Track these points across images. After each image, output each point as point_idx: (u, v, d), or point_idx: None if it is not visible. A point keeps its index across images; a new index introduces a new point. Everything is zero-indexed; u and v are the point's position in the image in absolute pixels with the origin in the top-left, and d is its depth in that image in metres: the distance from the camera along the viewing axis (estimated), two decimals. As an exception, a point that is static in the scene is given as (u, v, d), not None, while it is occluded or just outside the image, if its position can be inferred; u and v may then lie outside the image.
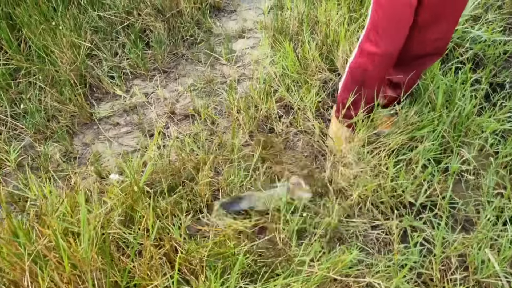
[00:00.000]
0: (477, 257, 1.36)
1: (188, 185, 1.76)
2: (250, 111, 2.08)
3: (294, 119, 2.06)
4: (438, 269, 1.39)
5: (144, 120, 2.22)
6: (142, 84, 2.41)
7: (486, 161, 1.68)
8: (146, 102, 2.30)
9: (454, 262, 1.41)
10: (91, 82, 2.36)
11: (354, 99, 1.65)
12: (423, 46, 1.54)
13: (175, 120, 2.19)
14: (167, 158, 1.87)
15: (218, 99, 2.27)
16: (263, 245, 1.47)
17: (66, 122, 2.17)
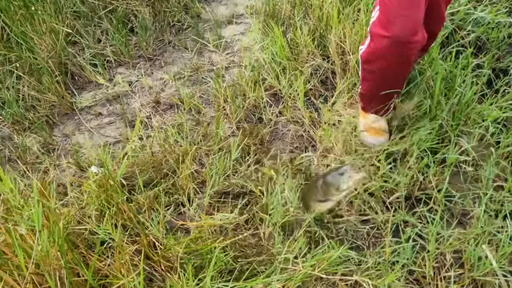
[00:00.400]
0: (474, 253, 1.27)
1: (170, 177, 1.67)
2: (237, 100, 1.98)
3: (284, 108, 1.96)
4: (431, 266, 1.30)
5: (127, 110, 2.12)
6: (126, 73, 2.31)
7: (486, 151, 1.57)
8: (130, 91, 2.20)
9: (449, 258, 1.32)
10: (72, 70, 2.25)
11: (373, 91, 1.56)
12: None
13: (160, 110, 2.09)
14: (150, 149, 1.78)
15: (205, 88, 2.16)
16: (245, 242, 1.38)
17: (46, 112, 2.07)
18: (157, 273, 1.36)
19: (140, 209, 1.53)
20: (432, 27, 1.50)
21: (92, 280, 1.06)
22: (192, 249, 1.25)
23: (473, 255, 1.27)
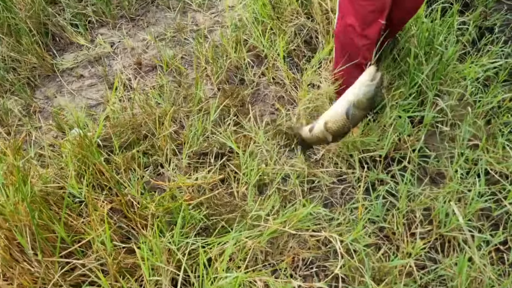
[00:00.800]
0: (442, 210, 1.29)
1: (149, 139, 1.68)
2: (219, 61, 1.95)
3: (266, 69, 1.93)
4: (401, 223, 1.32)
5: (109, 72, 2.09)
6: (108, 33, 2.26)
7: (464, 111, 1.56)
8: (112, 53, 2.16)
9: (419, 215, 1.35)
10: (53, 31, 2.20)
11: (346, 72, 1.51)
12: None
13: (141, 72, 2.06)
14: (130, 111, 1.77)
15: (187, 49, 2.12)
16: (220, 201, 1.40)
17: (26, 74, 2.05)
18: (134, 231, 1.39)
19: (118, 169, 1.55)
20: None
21: (66, 235, 1.09)
22: (164, 207, 1.27)
23: (441, 212, 1.29)
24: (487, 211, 1.37)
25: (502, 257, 1.26)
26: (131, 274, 1.17)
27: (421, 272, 1.24)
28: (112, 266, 1.08)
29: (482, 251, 1.21)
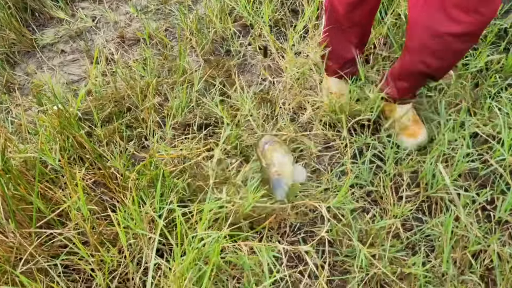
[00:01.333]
0: (429, 171, 1.27)
1: (132, 111, 1.64)
2: (204, 32, 1.89)
3: (253, 39, 1.88)
4: (388, 186, 1.31)
5: (92, 46, 2.03)
6: (90, 7, 2.19)
7: (453, 73, 1.53)
8: (94, 27, 2.10)
9: (406, 179, 1.33)
10: (32, 6, 2.13)
11: (332, 48, 1.45)
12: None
13: (125, 45, 2.00)
14: (113, 84, 1.73)
15: (172, 21, 2.06)
16: (202, 170, 1.38)
17: (5, 51, 1.99)
18: (118, 203, 1.37)
19: (100, 142, 1.51)
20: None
21: (44, 206, 1.06)
22: (146, 175, 1.25)
23: (428, 173, 1.28)
24: (474, 171, 1.35)
25: (488, 215, 1.25)
26: (113, 244, 1.15)
27: (408, 233, 1.23)
28: (91, 235, 1.06)
29: (468, 210, 1.19)
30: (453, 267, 1.12)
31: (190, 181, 1.28)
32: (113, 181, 1.38)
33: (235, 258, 1.04)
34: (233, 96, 1.67)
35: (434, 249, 1.20)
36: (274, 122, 1.54)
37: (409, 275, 1.12)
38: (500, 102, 1.42)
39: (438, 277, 1.11)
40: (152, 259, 0.86)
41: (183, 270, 0.89)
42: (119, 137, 1.54)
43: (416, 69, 1.24)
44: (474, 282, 1.11)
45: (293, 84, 1.65)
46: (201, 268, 0.95)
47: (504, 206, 1.18)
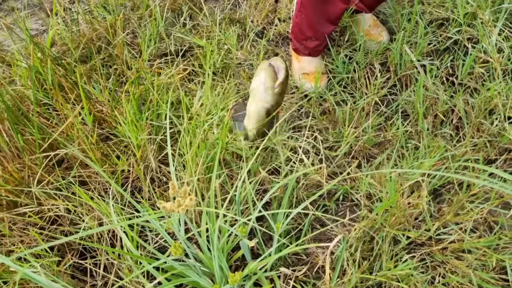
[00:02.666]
0: (396, 54, 1.39)
1: (104, 50, 1.63)
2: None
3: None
4: (362, 75, 1.42)
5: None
6: (33, -41, 2.07)
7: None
8: (43, -21, 2.01)
9: (377, 66, 1.44)
10: (-31, -35, 1.99)
11: (308, 21, 1.36)
12: None
13: (80, -8, 1.94)
14: (76, 27, 1.70)
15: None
16: (185, 88, 1.42)
17: (-49, 14, 1.87)
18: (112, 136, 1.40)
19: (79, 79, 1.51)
20: None
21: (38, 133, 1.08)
22: (135, 93, 1.28)
23: (396, 55, 1.39)
24: (436, 49, 1.49)
25: (452, 81, 1.40)
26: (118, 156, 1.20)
27: (386, 109, 1.36)
28: (97, 149, 1.10)
29: (433, 79, 1.33)
30: (427, 125, 1.26)
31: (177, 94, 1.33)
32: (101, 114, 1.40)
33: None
34: (202, 23, 1.69)
35: (409, 119, 1.34)
36: (248, 43, 1.59)
37: (390, 140, 1.26)
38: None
39: (418, 133, 1.25)
40: (169, 147, 0.92)
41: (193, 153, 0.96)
42: (97, 76, 1.55)
43: None
44: (447, 133, 1.26)
45: (258, 0, 1.69)
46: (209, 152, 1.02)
47: (464, 69, 1.32)
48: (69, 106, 1.17)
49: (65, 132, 1.19)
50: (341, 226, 1.18)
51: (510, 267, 0.99)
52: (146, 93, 1.27)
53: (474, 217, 1.08)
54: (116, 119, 1.31)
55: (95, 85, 1.51)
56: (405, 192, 1.12)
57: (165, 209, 0.78)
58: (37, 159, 1.09)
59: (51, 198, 1.04)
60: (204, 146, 1.00)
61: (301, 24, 1.36)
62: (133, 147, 1.14)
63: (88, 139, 1.12)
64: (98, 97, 1.41)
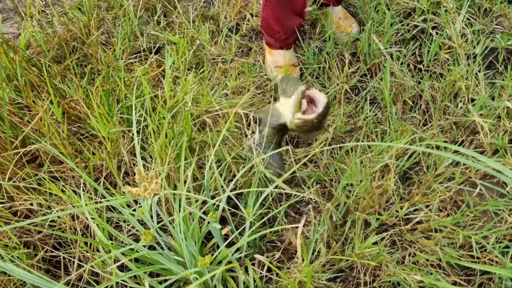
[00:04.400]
0: (365, 43, 1.42)
1: (79, 50, 1.64)
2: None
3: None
4: (334, 65, 1.44)
5: (20, 3, 1.95)
6: (7, -36, 2.08)
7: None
8: (16, -17, 2.01)
9: (347, 56, 1.47)
10: None
11: (274, 15, 1.37)
12: None
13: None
14: (51, 29, 1.70)
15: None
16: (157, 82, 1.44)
17: None
18: (86, 133, 1.41)
19: (54, 80, 1.51)
20: None
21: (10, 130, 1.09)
22: (106, 87, 1.29)
23: (365, 44, 1.42)
24: (403, 38, 1.53)
25: (420, 68, 1.43)
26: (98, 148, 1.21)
27: (356, 97, 1.39)
28: (68, 143, 1.10)
29: (401, 67, 1.37)
30: (396, 112, 1.29)
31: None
32: (74, 111, 1.41)
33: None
34: (176, 21, 1.71)
35: (380, 106, 1.37)
36: (221, 38, 1.62)
37: (361, 127, 1.29)
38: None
39: (387, 118, 1.28)
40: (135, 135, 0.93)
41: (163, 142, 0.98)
42: (72, 75, 1.55)
43: None
44: (416, 118, 1.29)
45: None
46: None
47: (429, 56, 1.36)
48: (39, 103, 1.18)
49: (37, 130, 1.20)
50: (315, 212, 1.20)
51: (475, 241, 1.01)
52: (120, 90, 1.28)
53: (442, 197, 1.11)
54: (88, 114, 1.32)
55: (70, 84, 1.51)
56: (376, 176, 1.15)
57: (131, 193, 0.79)
58: (8, 156, 1.10)
59: (22, 193, 1.04)
60: (172, 135, 1.02)
61: (268, 18, 1.39)
62: (104, 140, 1.15)
63: (60, 134, 1.13)
64: (73, 95, 1.42)
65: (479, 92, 1.24)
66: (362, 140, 1.22)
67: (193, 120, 1.23)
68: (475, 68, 1.29)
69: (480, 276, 1.03)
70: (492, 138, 1.16)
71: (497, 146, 1.16)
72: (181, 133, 1.08)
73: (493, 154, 1.20)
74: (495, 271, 0.88)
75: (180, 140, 1.03)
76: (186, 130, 1.02)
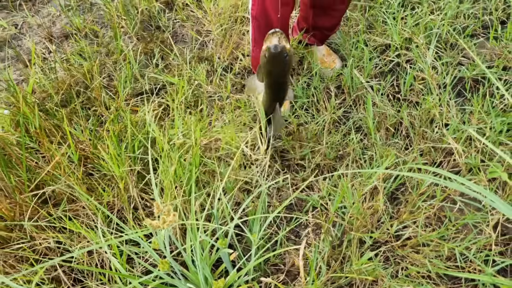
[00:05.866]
0: (348, 79, 1.57)
1: (83, 94, 1.75)
2: (131, 13, 2.04)
3: (177, 12, 2.07)
4: (321, 98, 1.59)
5: (21, 51, 2.07)
6: (9, 16, 2.21)
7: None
8: (19, 33, 2.14)
9: (333, 90, 1.62)
10: (-52, 24, 2.10)
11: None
12: None
13: (56, 42, 2.08)
14: (54, 75, 1.81)
15: (97, 13, 2.17)
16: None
17: None
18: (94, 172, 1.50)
19: (60, 124, 1.61)
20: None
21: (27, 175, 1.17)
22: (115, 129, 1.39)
23: (348, 79, 1.58)
24: (381, 71, 1.69)
25: (398, 98, 1.59)
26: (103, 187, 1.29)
27: (344, 126, 1.52)
28: (83, 181, 1.19)
29: (381, 98, 1.52)
30: (380, 138, 1.43)
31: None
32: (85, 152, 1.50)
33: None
34: (173, 63, 1.85)
35: (365, 133, 1.50)
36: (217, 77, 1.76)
37: (349, 153, 1.41)
38: (388, 17, 1.77)
39: (372, 144, 1.41)
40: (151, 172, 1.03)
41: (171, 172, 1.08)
42: (78, 118, 1.65)
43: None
44: (398, 144, 1.43)
45: (223, 39, 1.87)
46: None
47: (405, 86, 1.52)
48: (53, 146, 1.27)
49: (51, 172, 1.28)
50: (314, 234, 1.29)
51: (459, 252, 1.13)
52: (125, 130, 1.39)
53: (426, 213, 1.22)
54: (99, 155, 1.42)
55: (76, 126, 1.61)
56: (367, 197, 1.26)
57: (152, 225, 0.89)
58: (26, 197, 1.17)
59: (41, 232, 1.12)
60: (181, 171, 1.12)
61: (257, 57, 1.53)
62: (116, 179, 1.24)
63: (75, 175, 1.22)
64: (80, 137, 1.52)
65: (452, 118, 1.39)
66: (351, 165, 1.34)
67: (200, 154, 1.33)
68: (446, 97, 1.45)
69: (466, 284, 1.13)
70: (466, 158, 1.30)
71: (471, 165, 1.30)
72: (190, 167, 1.18)
73: (469, 172, 1.33)
74: (479, 278, 0.99)
75: (189, 174, 1.14)
76: (194, 163, 1.13)
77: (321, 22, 1.58)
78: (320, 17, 1.55)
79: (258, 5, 1.39)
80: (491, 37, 1.67)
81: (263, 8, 1.39)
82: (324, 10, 1.53)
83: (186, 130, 1.33)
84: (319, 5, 1.52)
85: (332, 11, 1.52)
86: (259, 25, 1.44)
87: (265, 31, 1.44)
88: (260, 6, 1.39)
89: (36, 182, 1.17)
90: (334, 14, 1.53)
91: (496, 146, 1.35)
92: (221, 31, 1.86)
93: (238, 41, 1.87)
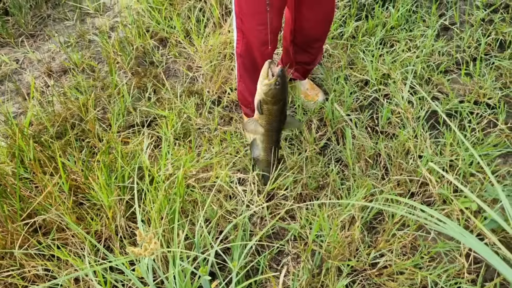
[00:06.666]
0: (329, 112, 1.66)
1: (77, 126, 1.83)
2: (126, 50, 2.16)
3: (169, 49, 2.19)
4: (304, 130, 1.67)
5: (21, 85, 2.17)
6: (11, 52, 2.33)
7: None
8: (19, 68, 2.25)
9: (315, 122, 1.71)
10: (-48, 59, 2.21)
11: (248, 89, 1.58)
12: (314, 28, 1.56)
13: (55, 76, 2.18)
14: (52, 108, 1.90)
15: (94, 49, 2.29)
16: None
17: None
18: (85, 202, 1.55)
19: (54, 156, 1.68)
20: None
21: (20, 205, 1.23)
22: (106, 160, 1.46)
23: (329, 112, 1.67)
24: (361, 105, 1.79)
25: (376, 131, 1.67)
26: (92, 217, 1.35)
27: (324, 158, 1.60)
28: (73, 211, 1.25)
29: (360, 130, 1.60)
30: (358, 169, 1.50)
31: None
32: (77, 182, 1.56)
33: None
34: (165, 96, 1.95)
35: (345, 164, 1.58)
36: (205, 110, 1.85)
37: (329, 183, 1.48)
38: (368, 55, 1.89)
39: (352, 176, 1.48)
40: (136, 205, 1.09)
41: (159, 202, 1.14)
42: (71, 149, 1.72)
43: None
44: (376, 174, 1.50)
45: (212, 74, 1.98)
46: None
47: (383, 120, 1.60)
48: (46, 177, 1.33)
49: (42, 201, 1.34)
50: (294, 262, 1.34)
51: (431, 280, 1.17)
52: (115, 161, 1.46)
53: (402, 242, 1.28)
54: (90, 185, 1.48)
55: (70, 157, 1.68)
56: (345, 226, 1.32)
57: (133, 253, 0.94)
58: (18, 226, 1.23)
59: (30, 259, 1.16)
60: (166, 202, 1.18)
61: (243, 91, 1.63)
62: (105, 208, 1.29)
63: (65, 205, 1.27)
64: (73, 168, 1.58)
65: (426, 150, 1.47)
66: (330, 195, 1.41)
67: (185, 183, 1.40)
68: (420, 129, 1.53)
69: (440, 312, 1.17)
70: (440, 188, 1.37)
71: (444, 196, 1.36)
72: (174, 197, 1.24)
73: (443, 202, 1.39)
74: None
75: (173, 205, 1.20)
76: (179, 194, 1.19)
77: (301, 57, 1.69)
78: (299, 54, 1.67)
79: (242, 44, 1.50)
80: (463, 73, 1.78)
81: (247, 47, 1.50)
82: (302, 47, 1.64)
83: (175, 162, 1.40)
84: (298, 42, 1.64)
85: (310, 48, 1.64)
86: (244, 62, 1.55)
87: (250, 67, 1.55)
88: (244, 45, 1.50)
89: (28, 211, 1.23)
90: (311, 51, 1.65)
91: (467, 176, 1.43)
92: (210, 66, 1.98)
93: (226, 76, 1.98)
